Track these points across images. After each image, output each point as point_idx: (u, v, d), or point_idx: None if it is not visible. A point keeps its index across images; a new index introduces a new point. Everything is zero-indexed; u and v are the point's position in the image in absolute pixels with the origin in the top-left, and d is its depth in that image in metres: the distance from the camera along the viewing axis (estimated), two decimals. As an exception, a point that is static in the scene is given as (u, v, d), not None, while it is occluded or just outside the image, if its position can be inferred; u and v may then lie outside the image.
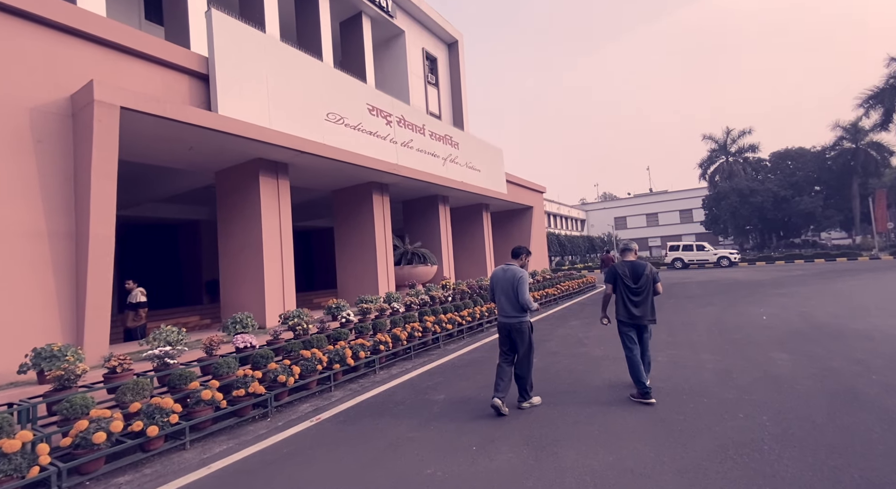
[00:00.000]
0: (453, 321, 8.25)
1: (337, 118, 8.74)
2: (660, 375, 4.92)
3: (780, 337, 6.51)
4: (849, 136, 34.48)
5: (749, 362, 5.23)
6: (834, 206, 36.76)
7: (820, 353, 5.40)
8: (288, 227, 8.15)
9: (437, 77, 18.78)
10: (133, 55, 5.84)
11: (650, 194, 61.04)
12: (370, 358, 6.01)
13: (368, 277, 10.58)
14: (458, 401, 4.48)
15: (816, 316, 8.06)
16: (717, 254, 27.06)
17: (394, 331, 6.75)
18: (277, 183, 8.05)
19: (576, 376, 5.15)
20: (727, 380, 4.57)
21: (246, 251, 7.85)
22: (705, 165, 44.42)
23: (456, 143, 13.38)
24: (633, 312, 4.38)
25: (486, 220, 16.63)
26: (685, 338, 6.93)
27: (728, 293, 12.85)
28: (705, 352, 5.90)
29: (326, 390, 5.27)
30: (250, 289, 7.77)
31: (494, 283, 4.36)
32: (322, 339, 5.75)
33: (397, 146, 10.55)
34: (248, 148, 7.15)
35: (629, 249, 4.78)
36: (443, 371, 5.88)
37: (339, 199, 11.22)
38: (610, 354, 6.08)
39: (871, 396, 3.84)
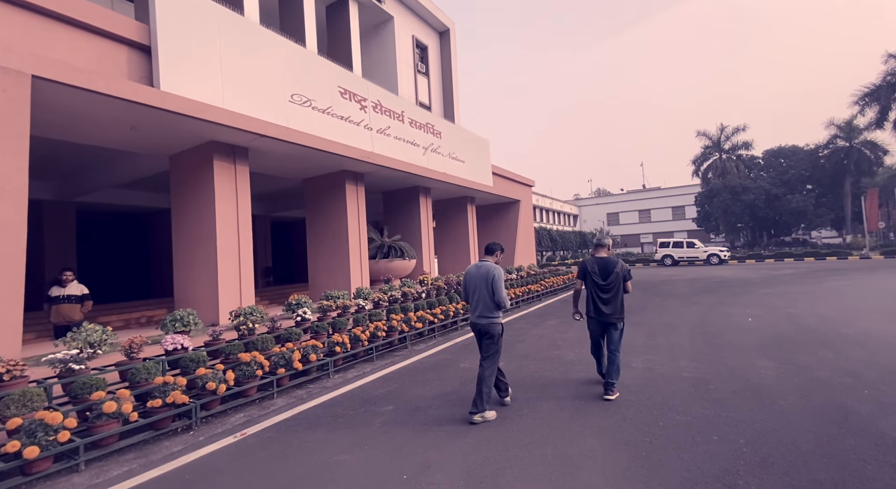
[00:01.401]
0: (424, 319, 7.77)
1: (303, 100, 8.14)
2: (632, 385, 4.48)
3: (766, 341, 6.10)
4: (843, 134, 34.24)
5: (730, 371, 4.80)
6: (825, 205, 36.65)
7: (807, 362, 4.98)
8: (247, 217, 7.59)
9: (428, 66, 18.08)
10: (60, 20, 5.21)
11: (643, 190, 60.79)
12: (323, 360, 5.51)
13: (340, 272, 10.06)
14: (406, 413, 4.01)
15: (804, 318, 7.68)
16: (707, 252, 26.82)
17: (354, 331, 6.25)
18: (235, 168, 7.47)
19: (541, 384, 4.70)
20: (704, 393, 4.13)
21: (199, 242, 7.29)
22: (699, 162, 44.05)
23: (438, 133, 12.81)
24: (602, 309, 4.32)
25: (471, 213, 16.13)
26: (665, 340, 6.51)
27: (715, 292, 12.49)
28: (684, 357, 5.47)
29: (269, 397, 4.77)
30: (203, 284, 7.23)
31: (468, 281, 4.12)
32: (268, 341, 5.24)
33: (372, 133, 9.97)
34: (199, 129, 6.57)
35: (602, 245, 4.63)
36: (401, 376, 5.40)
37: (310, 188, 10.65)
38: (583, 359, 5.63)
39: (863, 416, 3.41)
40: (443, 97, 18.94)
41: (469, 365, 5.68)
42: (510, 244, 18.35)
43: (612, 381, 4.20)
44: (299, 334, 5.67)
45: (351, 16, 13.82)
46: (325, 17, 14.06)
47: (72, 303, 6.92)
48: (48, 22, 5.03)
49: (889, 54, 27.94)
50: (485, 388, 3.78)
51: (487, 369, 3.87)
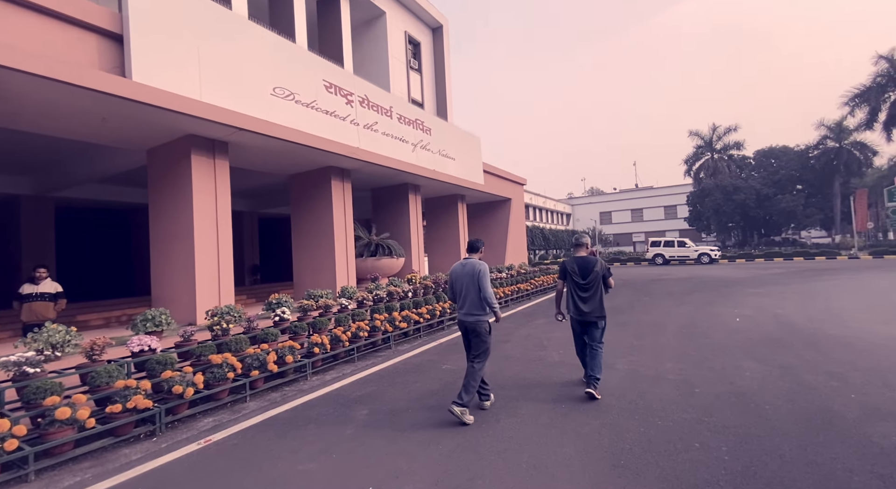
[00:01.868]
0: (409, 319, 7.62)
1: (286, 94, 7.92)
2: (616, 388, 4.36)
3: (753, 343, 6.02)
4: (833, 135, 34.53)
5: (715, 373, 4.70)
6: (815, 205, 36.97)
7: (793, 364, 4.90)
8: (226, 212, 7.37)
9: (421, 62, 17.85)
10: (25, 7, 4.97)
11: (635, 190, 61.02)
12: (300, 362, 5.34)
13: (326, 270, 9.86)
14: (381, 418, 3.86)
15: (792, 319, 7.63)
16: (698, 251, 26.92)
17: (334, 332, 6.09)
18: (214, 163, 7.25)
19: (523, 387, 4.57)
20: (688, 396, 4.03)
21: (176, 238, 7.07)
22: (691, 162, 44.29)
23: (428, 129, 12.63)
24: (582, 308, 4.37)
25: (462, 211, 15.98)
26: (652, 341, 6.42)
27: (705, 291, 12.47)
28: (670, 359, 5.37)
29: (241, 401, 4.60)
30: (181, 282, 7.01)
31: (454, 280, 4.11)
32: (243, 341, 5.06)
33: (359, 128, 9.77)
34: (175, 122, 6.34)
35: (580, 244, 4.64)
36: (381, 377, 5.25)
37: (295, 185, 10.43)
38: (567, 360, 5.52)
39: (849, 422, 3.32)
40: (436, 94, 18.72)
41: (452, 366, 5.55)
42: (501, 242, 18.24)
43: (595, 376, 4.21)
44: (276, 335, 5.50)
45: (342, 10, 13.56)
46: (316, 12, 13.80)
47: (45, 301, 6.67)
48: (12, 8, 4.79)
49: (879, 56, 28.17)
50: (472, 382, 3.79)
51: (478, 366, 3.88)
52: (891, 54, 27.71)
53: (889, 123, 28.34)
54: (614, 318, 8.62)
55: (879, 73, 28.29)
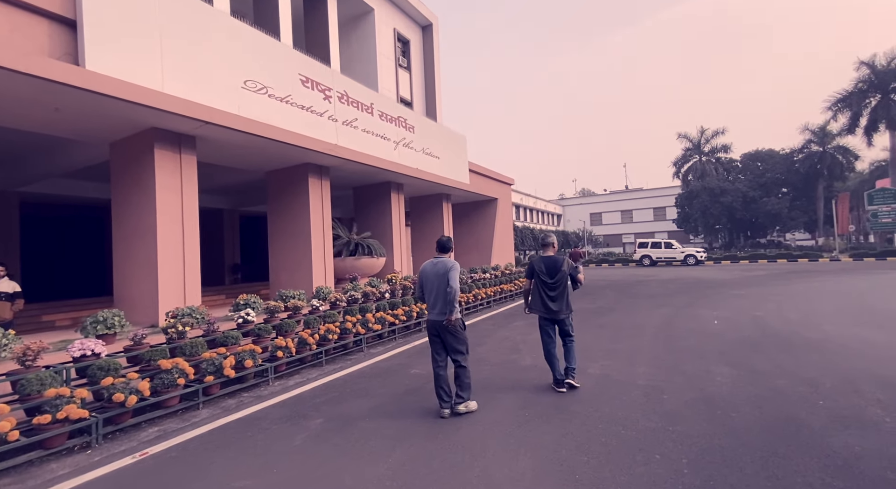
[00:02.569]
0: (383, 321, 7.43)
1: (258, 87, 7.67)
2: (584, 394, 4.22)
3: (728, 346, 5.94)
4: (816, 139, 35.02)
5: (686, 379, 4.59)
6: (799, 208, 37.50)
7: (766, 369, 4.81)
8: (193, 209, 7.11)
9: (410, 60, 17.63)
10: (-35, -11, 4.68)
11: (625, 191, 61.44)
12: (262, 366, 5.12)
13: (302, 270, 9.62)
14: (335, 427, 3.66)
15: (769, 321, 7.58)
16: (685, 252, 27.08)
17: (301, 334, 5.87)
18: (180, 157, 6.98)
19: (490, 392, 4.40)
20: (656, 403, 3.90)
21: (138, 236, 6.79)
22: (679, 164, 44.65)
23: (411, 127, 12.43)
24: (550, 307, 4.47)
25: (447, 210, 15.80)
26: (628, 345, 6.30)
27: (687, 293, 12.45)
28: (643, 363, 5.26)
29: (193, 408, 4.37)
30: (143, 282, 6.73)
31: (424, 279, 4.09)
32: (199, 345, 4.82)
33: (337, 125, 9.54)
34: (134, 114, 6.07)
35: (547, 244, 4.71)
36: (345, 383, 5.05)
37: (272, 182, 10.17)
38: (539, 363, 5.35)
39: (814, 431, 3.20)
40: (425, 92, 18.50)
41: (420, 370, 5.37)
42: (487, 243, 18.11)
43: (572, 366, 4.44)
44: (237, 338, 5.26)
45: (329, 7, 13.27)
46: (303, 8, 13.49)
47: (1, 300, 6.37)
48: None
49: (861, 61, 28.58)
50: (465, 380, 3.89)
51: (462, 362, 3.92)
52: (872, 60, 28.13)
53: (870, 128, 28.76)
54: (595, 320, 8.53)
55: (861, 78, 28.71)
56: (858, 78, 28.86)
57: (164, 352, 4.52)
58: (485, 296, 11.20)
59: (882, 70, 27.70)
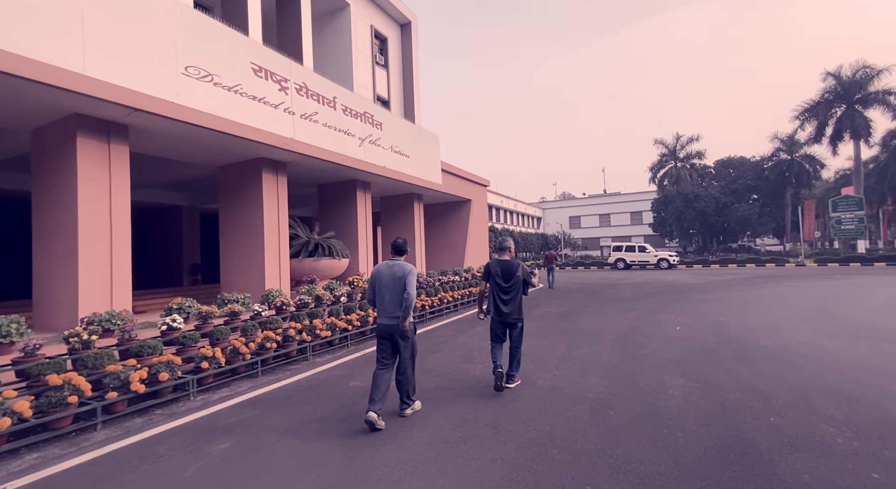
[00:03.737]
0: (334, 326, 6.97)
1: (202, 74, 7.13)
2: (525, 411, 3.89)
3: (686, 354, 5.73)
4: (785, 147, 36.07)
5: (638, 391, 4.32)
6: (769, 214, 38.54)
7: (720, 380, 4.59)
8: (124, 204, 6.52)
9: (388, 58, 17.16)
10: None
11: (604, 195, 62.27)
12: (182, 379, 4.63)
13: (254, 271, 9.08)
14: (239, 454, 3.23)
15: (730, 328, 7.45)
16: (658, 256, 27.38)
17: (233, 343, 5.39)
18: (109, 147, 6.40)
19: (429, 407, 4.04)
20: (600, 420, 3.60)
21: (59, 233, 6.18)
22: (655, 169, 45.41)
23: (378, 124, 11.99)
24: (502, 309, 4.54)
25: (418, 211, 15.42)
26: (586, 351, 6.04)
27: (656, 297, 12.38)
28: (597, 373, 4.98)
29: (90, 429, 3.85)
30: (64, 284, 6.12)
31: (377, 281, 3.94)
32: (104, 357, 4.31)
33: (295, 118, 9.04)
34: (52, 97, 5.49)
35: (504, 248, 4.73)
36: (273, 397, 4.61)
37: (224, 177, 9.59)
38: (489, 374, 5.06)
39: (761, 453, 2.95)
40: (403, 91, 18.07)
41: (360, 383, 4.97)
42: (461, 244, 17.80)
43: (511, 373, 4.57)
44: (154, 347, 4.76)
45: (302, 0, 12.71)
46: (275, 1, 12.89)
47: None
48: None
49: (827, 72, 29.51)
50: (408, 386, 3.86)
51: (408, 369, 3.86)
52: (838, 71, 29.07)
53: (835, 138, 29.72)
54: (559, 325, 8.28)
55: (827, 89, 29.65)
56: (825, 88, 29.80)
57: (58, 365, 3.99)
58: (451, 299, 10.85)
59: (847, 81, 28.65)
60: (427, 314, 9.59)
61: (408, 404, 3.87)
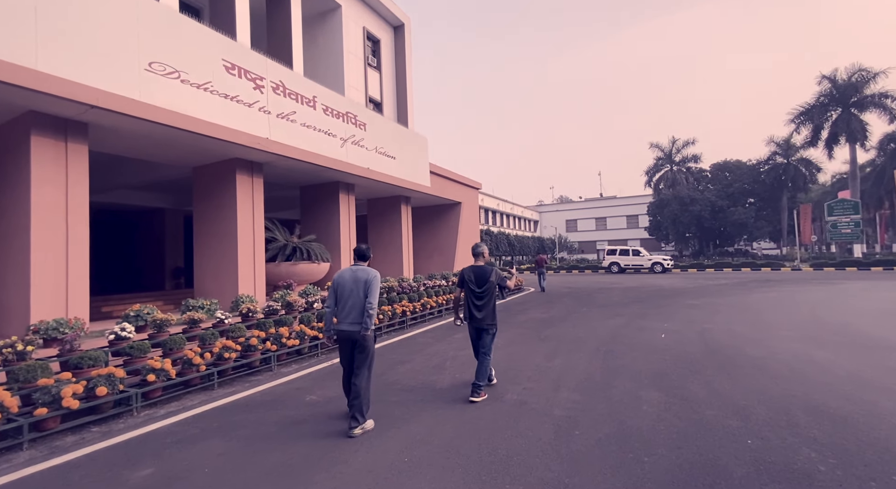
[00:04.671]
0: (303, 335, 6.67)
1: (168, 71, 6.86)
2: (487, 428, 3.60)
3: (667, 365, 5.44)
4: (781, 151, 35.94)
5: (610, 407, 4.03)
6: (765, 218, 38.38)
7: (698, 395, 4.30)
8: (81, 206, 6.23)
9: (380, 60, 16.92)
10: None
11: (600, 199, 62.09)
12: (124, 393, 4.33)
13: (228, 275, 8.78)
14: (157, 482, 2.93)
15: (716, 335, 7.18)
16: (652, 260, 27.13)
17: (186, 353, 5.08)
18: (66, 146, 6.11)
19: (384, 426, 3.75)
20: (564, 442, 3.31)
21: (11, 237, 5.89)
22: (651, 173, 45.31)
23: (362, 124, 11.73)
24: (475, 315, 4.50)
25: (406, 214, 15.15)
26: (562, 362, 5.75)
27: (645, 302, 12.11)
28: (570, 386, 4.69)
29: (15, 448, 3.54)
30: (15, 289, 5.82)
31: (339, 286, 3.86)
32: (37, 369, 4.00)
33: (270, 117, 8.77)
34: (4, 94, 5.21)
35: (477, 254, 4.66)
36: (221, 414, 4.30)
37: (198, 178, 9.32)
38: (458, 385, 4.78)
39: (733, 483, 2.66)
40: (396, 93, 17.83)
41: (318, 397, 4.69)
42: (450, 248, 17.52)
43: (478, 383, 4.38)
44: (97, 359, 4.46)
45: (292, 1, 12.44)
46: (265, 2, 12.63)
47: None
48: None
49: (822, 76, 29.41)
50: (362, 403, 3.67)
51: (364, 380, 3.74)
52: (833, 75, 28.96)
53: (831, 141, 29.58)
54: (540, 332, 7.99)
55: (822, 92, 29.54)
56: (820, 92, 29.69)
57: (-20, 378, 3.69)
58: (435, 305, 10.55)
59: (843, 84, 28.55)
60: (408, 321, 9.30)
61: (358, 422, 3.61)
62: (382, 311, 8.53)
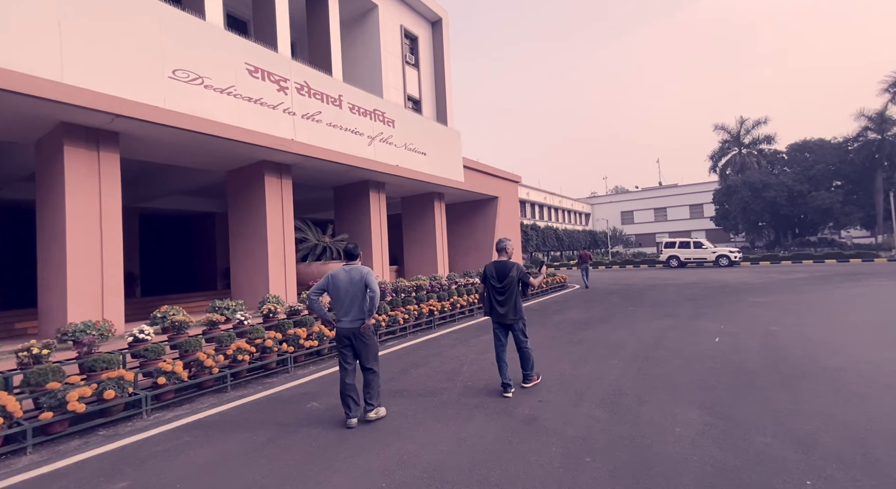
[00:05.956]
0: (322, 335, 6.58)
1: (191, 77, 7.04)
2: (483, 452, 3.18)
3: (715, 376, 4.66)
4: (874, 126, 31.37)
5: (635, 428, 3.44)
6: (855, 203, 33.71)
7: (749, 415, 3.57)
8: (114, 213, 6.54)
9: (418, 58, 16.77)
10: None
11: (659, 188, 58.09)
12: (135, 396, 4.38)
13: (260, 276, 8.98)
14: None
15: (784, 340, 6.15)
16: (716, 253, 24.77)
17: (198, 356, 5.10)
18: (98, 156, 6.43)
19: (370, 439, 3.44)
20: (570, 473, 2.81)
21: (53, 242, 6.29)
22: (716, 157, 41.59)
23: (390, 121, 11.58)
24: (498, 311, 4.49)
25: (439, 210, 14.85)
26: (592, 370, 5.14)
27: (702, 300, 10.89)
28: (593, 400, 4.12)
29: (18, 453, 3.65)
30: (58, 292, 6.22)
31: (334, 287, 3.97)
32: (49, 372, 4.13)
33: (295, 118, 8.82)
34: (31, 107, 5.54)
35: (500, 249, 4.68)
36: (220, 420, 4.23)
37: (231, 182, 9.61)
38: (468, 393, 4.37)
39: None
40: (434, 90, 17.59)
41: (319, 404, 4.51)
42: (488, 244, 16.99)
43: (527, 373, 4.56)
44: (110, 361, 4.56)
45: (330, 5, 12.57)
46: (305, 8, 12.88)
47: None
48: None
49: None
50: (375, 390, 3.91)
51: (373, 367, 3.94)
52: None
53: (938, 109, 25.25)
54: (574, 335, 7.34)
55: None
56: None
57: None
58: (466, 303, 10.16)
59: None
60: (436, 320, 8.99)
61: (372, 407, 3.88)
62: (408, 311, 8.30)
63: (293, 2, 11.98)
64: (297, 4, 12.44)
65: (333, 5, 12.48)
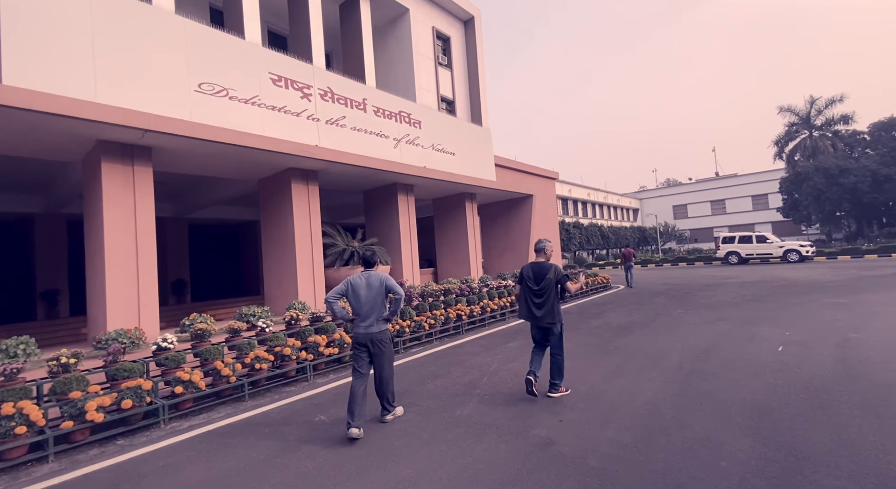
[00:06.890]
0: (343, 342, 6.47)
1: (216, 89, 7.20)
2: (486, 481, 2.82)
3: (776, 394, 3.97)
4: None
5: (670, 459, 2.92)
6: (955, 185, 29.33)
7: (817, 447, 2.93)
8: (148, 225, 6.79)
9: (451, 58, 16.52)
10: None
11: (716, 179, 53.92)
12: (152, 406, 4.43)
13: (289, 281, 9.08)
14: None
15: (865, 351, 5.21)
16: (784, 247, 22.40)
17: (215, 364, 5.12)
18: (133, 170, 6.72)
19: (371, 462, 3.19)
20: (580, 517, 2.38)
21: (96, 255, 6.64)
22: (782, 143, 37.81)
23: (417, 122, 11.40)
24: (535, 313, 4.41)
25: (471, 211, 14.47)
26: (627, 383, 4.59)
27: (765, 300, 9.73)
28: (622, 422, 3.61)
29: (42, 460, 3.76)
30: (98, 300, 6.56)
31: (353, 295, 3.99)
32: (72, 381, 4.25)
33: (319, 124, 8.85)
34: (67, 127, 5.85)
35: (539, 250, 4.61)
36: (227, 433, 4.15)
37: (262, 190, 9.82)
38: (482, 408, 4.01)
39: None
40: (468, 89, 17.25)
41: (327, 417, 4.33)
42: (523, 244, 16.36)
43: (555, 382, 4.40)
44: (132, 370, 4.66)
45: (362, 12, 12.67)
46: (339, 17, 13.09)
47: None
48: None
49: None
50: (388, 393, 4.01)
51: (388, 373, 4.00)
52: None
53: None
54: (612, 342, 6.73)
55: None
56: None
57: (23, 391, 4.01)
58: (497, 307, 9.73)
59: None
60: (464, 325, 8.65)
61: (388, 410, 4.03)
62: (434, 316, 8.03)
63: (328, 13, 12.12)
64: (332, 16, 12.57)
65: (365, 12, 12.48)
